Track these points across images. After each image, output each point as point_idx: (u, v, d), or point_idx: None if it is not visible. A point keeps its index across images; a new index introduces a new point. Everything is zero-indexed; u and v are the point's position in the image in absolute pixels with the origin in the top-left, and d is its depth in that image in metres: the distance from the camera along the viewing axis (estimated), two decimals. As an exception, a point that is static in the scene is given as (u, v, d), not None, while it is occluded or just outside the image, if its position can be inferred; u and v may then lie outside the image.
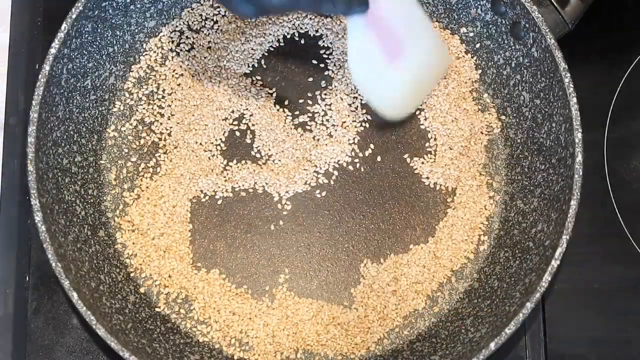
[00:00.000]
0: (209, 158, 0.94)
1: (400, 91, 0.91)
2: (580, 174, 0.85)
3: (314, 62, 0.97)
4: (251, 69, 0.97)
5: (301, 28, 0.98)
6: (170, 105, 0.95)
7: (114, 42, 0.94)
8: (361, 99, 0.96)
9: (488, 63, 0.96)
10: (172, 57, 0.96)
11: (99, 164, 0.94)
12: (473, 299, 0.91)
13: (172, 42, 0.97)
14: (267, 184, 0.94)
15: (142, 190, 0.93)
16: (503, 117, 0.95)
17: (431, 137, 0.96)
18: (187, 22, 0.97)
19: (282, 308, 0.91)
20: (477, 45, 0.97)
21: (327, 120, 0.96)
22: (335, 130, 0.95)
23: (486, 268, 0.92)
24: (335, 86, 0.96)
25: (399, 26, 0.87)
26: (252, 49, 0.97)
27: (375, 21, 0.84)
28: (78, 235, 0.89)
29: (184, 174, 0.94)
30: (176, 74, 0.96)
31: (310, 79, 0.97)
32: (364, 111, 0.96)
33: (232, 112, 0.96)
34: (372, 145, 0.95)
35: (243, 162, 0.95)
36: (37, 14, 0.98)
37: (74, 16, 0.89)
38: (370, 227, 0.93)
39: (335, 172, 0.95)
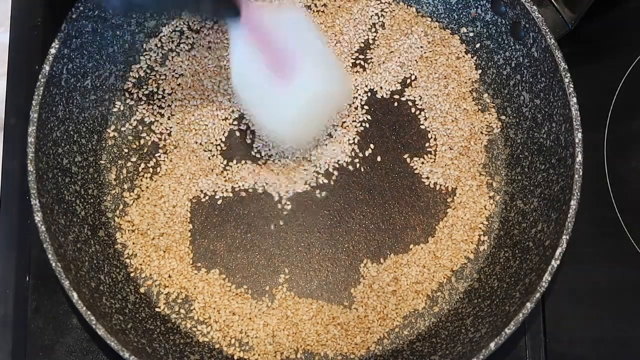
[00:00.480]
0: (209, 158, 0.94)
1: (289, 115, 0.86)
2: (580, 174, 0.85)
3: (314, 62, 0.97)
4: (251, 69, 0.97)
5: (301, 28, 0.98)
6: (170, 105, 0.95)
7: (114, 42, 0.94)
8: (361, 99, 0.96)
9: (488, 63, 0.96)
10: (172, 57, 0.96)
11: (99, 164, 0.94)
12: (473, 299, 0.91)
13: (172, 42, 0.97)
14: (267, 184, 0.94)
15: (142, 190, 0.93)
16: (503, 117, 0.96)
17: (431, 137, 0.96)
18: (187, 22, 0.97)
19: (282, 308, 0.91)
20: (477, 45, 0.97)
21: (327, 120, 0.96)
22: (335, 130, 0.95)
23: (486, 268, 0.92)
24: (335, 86, 0.96)
25: (290, 47, 0.82)
26: (252, 49, 0.97)
27: (260, 36, 0.80)
28: (78, 235, 0.89)
29: (184, 174, 0.94)
30: (176, 74, 0.96)
31: (310, 79, 0.97)
32: (364, 111, 0.96)
33: (232, 112, 0.96)
34: (372, 145, 0.95)
35: (243, 162, 0.95)
36: (37, 14, 0.98)
37: (74, 16, 0.89)
38: (370, 227, 0.93)
39: (335, 172, 0.95)
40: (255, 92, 0.84)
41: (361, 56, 0.97)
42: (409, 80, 0.97)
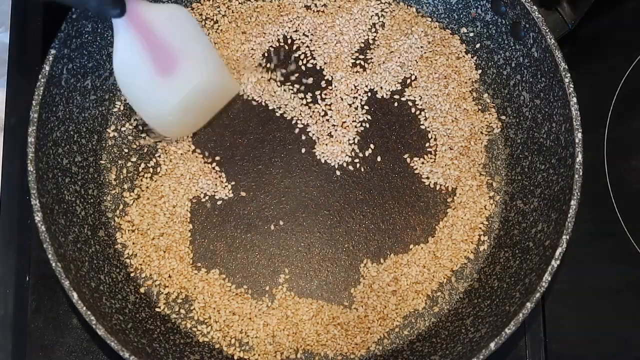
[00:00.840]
0: (209, 158, 0.94)
1: (170, 108, 0.88)
2: (580, 174, 0.85)
3: (314, 61, 0.97)
4: (251, 69, 0.97)
5: (300, 27, 0.98)
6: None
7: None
8: (361, 99, 0.96)
9: (488, 63, 0.96)
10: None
11: (99, 164, 0.94)
12: (473, 299, 0.91)
13: (172, 42, 0.97)
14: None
15: (142, 190, 0.93)
16: (503, 117, 0.96)
17: (431, 137, 0.96)
18: (187, 22, 0.97)
19: (282, 308, 0.91)
20: (477, 45, 0.97)
21: (327, 120, 0.96)
22: (335, 130, 0.95)
23: (486, 268, 0.92)
24: (335, 86, 0.96)
25: (172, 42, 0.85)
26: (251, 48, 0.97)
27: (142, 31, 0.83)
28: (78, 235, 0.89)
29: (184, 174, 0.94)
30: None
31: (310, 80, 0.97)
32: (364, 111, 0.96)
33: (232, 112, 0.96)
34: (372, 145, 0.95)
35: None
36: (37, 14, 0.98)
37: (74, 16, 0.89)
38: (370, 227, 0.93)
39: (336, 172, 0.95)
40: (136, 85, 0.86)
41: (361, 56, 0.97)
42: (409, 80, 0.97)
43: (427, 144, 0.95)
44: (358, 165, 0.95)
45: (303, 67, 0.97)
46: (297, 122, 0.96)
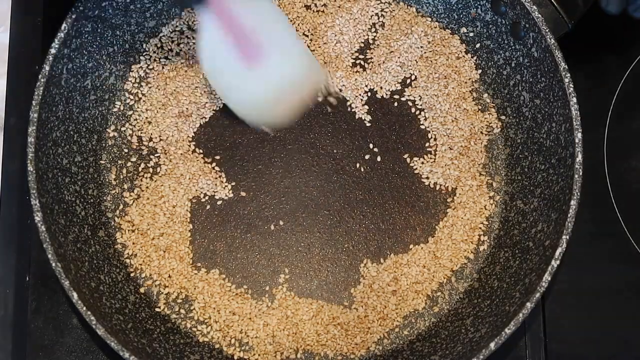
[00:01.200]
0: (209, 158, 0.94)
1: (258, 98, 0.87)
2: (580, 174, 0.85)
3: (314, 62, 0.97)
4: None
5: (300, 27, 0.98)
6: (170, 105, 0.95)
7: (114, 42, 0.94)
8: (361, 99, 0.96)
9: (488, 63, 0.96)
10: (172, 57, 0.96)
11: (99, 164, 0.94)
12: (473, 299, 0.91)
13: (172, 42, 0.97)
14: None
15: (142, 190, 0.93)
16: (503, 117, 0.96)
17: (431, 137, 0.96)
18: (187, 22, 0.97)
19: (282, 308, 0.91)
20: (477, 45, 0.97)
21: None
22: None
23: (486, 268, 0.92)
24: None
25: (258, 31, 0.83)
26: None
27: (227, 20, 0.82)
28: (78, 235, 0.89)
29: (184, 174, 0.94)
30: (176, 73, 0.96)
31: (310, 79, 0.97)
32: (364, 111, 0.96)
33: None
34: (372, 145, 0.95)
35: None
36: (37, 14, 0.98)
37: (74, 16, 0.89)
38: (370, 227, 0.93)
39: (336, 172, 0.95)
40: (224, 76, 0.85)
41: (361, 56, 0.97)
42: (409, 80, 0.97)
43: (427, 144, 0.95)
44: (358, 165, 0.95)
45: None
46: (297, 122, 0.95)
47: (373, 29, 0.98)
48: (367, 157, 0.95)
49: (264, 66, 0.84)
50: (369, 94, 0.97)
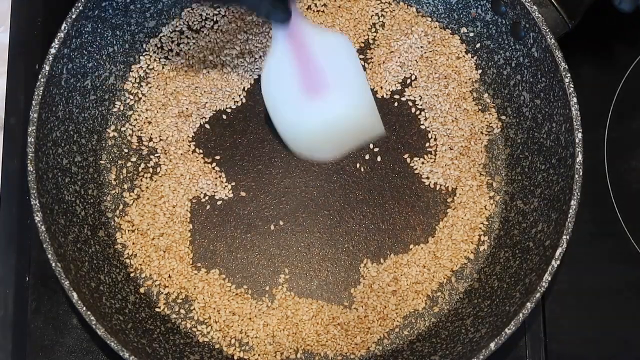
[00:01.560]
0: (209, 158, 0.94)
1: (309, 128, 0.86)
2: (580, 174, 0.85)
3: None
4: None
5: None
6: (170, 105, 0.95)
7: (114, 42, 0.94)
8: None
9: (488, 63, 0.96)
10: (172, 57, 0.96)
11: (99, 164, 0.94)
12: (473, 299, 0.91)
13: (172, 42, 0.97)
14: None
15: (142, 190, 0.93)
16: (503, 117, 0.96)
17: (431, 137, 0.96)
18: (187, 22, 0.97)
19: (282, 308, 0.91)
20: (477, 45, 0.97)
21: (327, 120, 0.96)
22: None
23: (486, 268, 0.92)
24: (335, 86, 0.96)
25: (327, 67, 0.84)
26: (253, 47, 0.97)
27: (299, 47, 0.83)
28: (78, 235, 0.89)
29: (184, 174, 0.94)
30: (176, 73, 0.96)
31: (310, 79, 0.97)
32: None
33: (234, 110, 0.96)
34: (372, 145, 0.95)
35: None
36: (37, 14, 0.98)
37: (74, 16, 0.89)
38: (370, 227, 0.93)
39: (336, 172, 0.95)
40: (282, 100, 0.85)
41: (361, 56, 0.97)
42: (409, 80, 0.97)
43: (427, 144, 0.95)
44: (358, 165, 0.95)
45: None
46: (297, 122, 0.96)
47: (373, 29, 0.98)
48: (367, 157, 0.95)
49: (324, 101, 0.84)
50: (369, 94, 0.97)
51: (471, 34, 0.97)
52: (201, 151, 0.95)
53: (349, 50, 0.86)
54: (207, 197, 0.94)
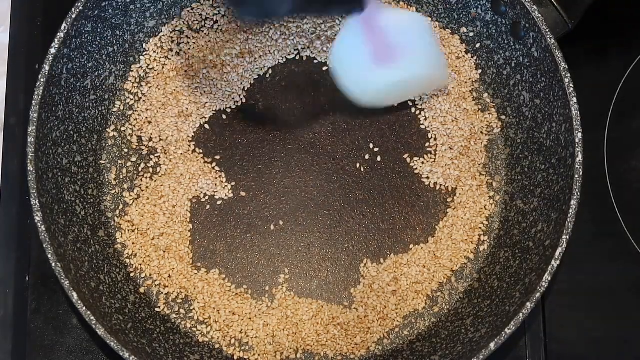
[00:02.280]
0: (209, 157, 0.94)
1: (380, 84, 0.90)
2: (580, 174, 0.85)
3: (315, 61, 0.97)
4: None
5: (300, 27, 0.98)
6: (170, 105, 0.95)
7: (114, 42, 0.94)
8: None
9: (488, 63, 0.96)
10: (172, 57, 0.96)
11: (99, 164, 0.94)
12: (473, 299, 0.91)
13: (172, 42, 0.97)
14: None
15: (142, 190, 0.93)
16: (503, 117, 0.96)
17: (431, 137, 0.96)
18: (187, 22, 0.97)
19: (282, 308, 0.91)
20: (477, 45, 0.97)
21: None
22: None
23: (486, 268, 0.92)
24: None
25: (400, 45, 0.87)
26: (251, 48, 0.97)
27: (372, 30, 0.84)
28: (78, 235, 0.89)
29: (184, 174, 0.94)
30: (176, 73, 0.96)
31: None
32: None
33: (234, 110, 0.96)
34: (372, 145, 0.95)
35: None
36: (37, 14, 0.98)
37: (74, 16, 0.89)
38: (370, 227, 0.93)
39: (336, 172, 0.95)
40: (352, 66, 0.88)
41: (361, 56, 0.97)
42: (409, 80, 0.97)
43: (427, 144, 0.95)
44: (358, 165, 0.95)
45: (303, 67, 0.97)
46: (297, 122, 0.95)
47: (373, 29, 0.98)
48: (367, 157, 0.95)
49: (395, 67, 0.88)
50: (369, 94, 0.96)
51: (471, 34, 0.97)
52: (201, 151, 0.95)
53: (422, 27, 0.89)
54: (207, 197, 0.94)
